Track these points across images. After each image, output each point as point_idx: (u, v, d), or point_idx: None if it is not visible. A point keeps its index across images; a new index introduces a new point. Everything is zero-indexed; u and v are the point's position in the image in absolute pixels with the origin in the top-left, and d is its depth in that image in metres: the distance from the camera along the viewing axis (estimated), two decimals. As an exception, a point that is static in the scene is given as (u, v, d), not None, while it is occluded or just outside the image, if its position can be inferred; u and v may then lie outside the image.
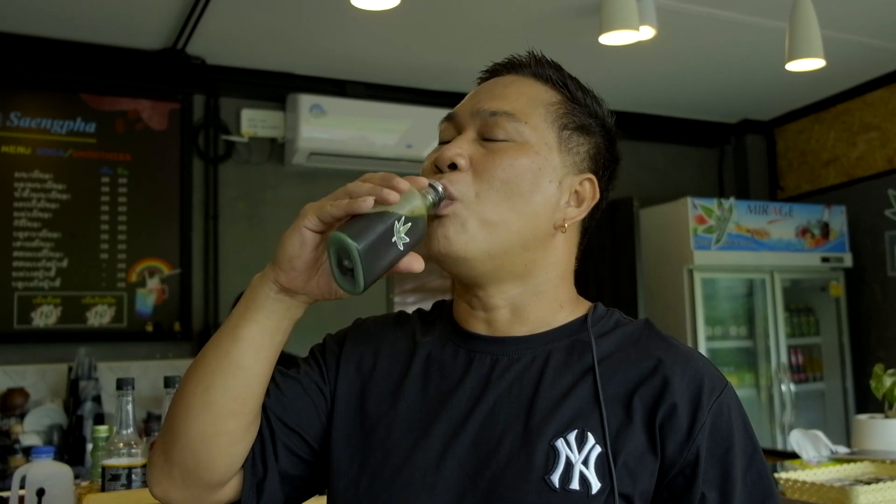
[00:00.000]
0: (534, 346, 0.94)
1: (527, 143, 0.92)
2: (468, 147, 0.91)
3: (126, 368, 3.90)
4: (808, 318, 5.19)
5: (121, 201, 4.12)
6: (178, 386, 1.52)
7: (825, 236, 5.01)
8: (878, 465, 2.52)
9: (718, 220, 4.67)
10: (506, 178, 0.90)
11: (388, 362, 0.99)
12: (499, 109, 0.92)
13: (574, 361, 0.92)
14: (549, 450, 0.85)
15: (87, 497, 1.42)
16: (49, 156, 4.00)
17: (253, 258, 4.38)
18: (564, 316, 0.97)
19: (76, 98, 4.08)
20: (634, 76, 4.69)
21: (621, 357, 0.92)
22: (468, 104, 0.96)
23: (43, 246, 3.94)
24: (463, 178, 0.90)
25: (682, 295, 4.62)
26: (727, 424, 0.88)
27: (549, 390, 0.89)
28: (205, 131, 4.36)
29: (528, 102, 0.94)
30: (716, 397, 0.88)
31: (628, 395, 0.88)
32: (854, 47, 4.28)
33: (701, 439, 0.86)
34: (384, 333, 1.03)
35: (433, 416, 0.91)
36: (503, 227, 0.90)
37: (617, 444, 0.86)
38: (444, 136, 0.97)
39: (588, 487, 0.84)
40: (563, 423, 0.87)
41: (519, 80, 0.98)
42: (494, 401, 0.90)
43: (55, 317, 3.93)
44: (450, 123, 0.96)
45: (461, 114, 0.95)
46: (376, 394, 0.96)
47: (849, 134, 5.18)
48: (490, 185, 0.89)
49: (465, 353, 0.95)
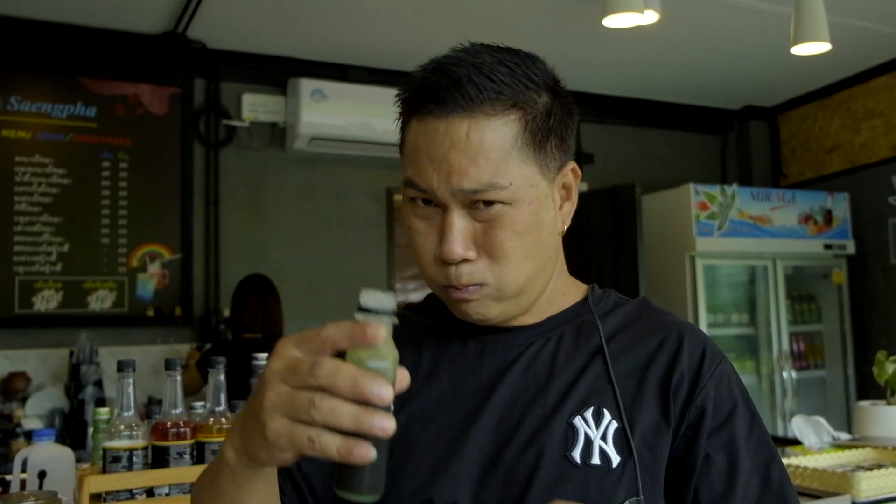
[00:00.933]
0: (543, 332, 0.96)
1: (518, 199, 0.88)
2: (466, 233, 0.88)
3: (127, 353, 3.89)
4: (809, 305, 5.18)
5: (121, 186, 4.11)
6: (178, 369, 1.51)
7: (828, 223, 5.00)
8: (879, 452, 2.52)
9: (721, 206, 4.66)
10: (515, 244, 0.89)
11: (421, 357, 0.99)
12: (480, 185, 0.86)
13: (583, 342, 0.95)
14: (568, 427, 0.88)
15: (88, 479, 1.41)
16: (49, 140, 3.99)
17: (254, 243, 4.38)
18: (567, 300, 1.00)
19: (76, 82, 4.07)
20: (637, 62, 4.67)
21: (627, 335, 0.95)
22: (440, 181, 0.87)
23: (44, 230, 3.93)
24: (479, 266, 0.89)
25: (683, 282, 4.61)
26: (728, 391, 0.91)
27: (562, 372, 0.92)
28: (205, 116, 4.34)
29: (498, 156, 0.87)
30: (716, 365, 0.92)
31: (640, 371, 0.91)
32: (859, 33, 4.25)
33: (702, 401, 0.89)
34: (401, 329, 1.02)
35: (450, 407, 0.92)
36: (530, 281, 0.92)
37: (632, 419, 0.88)
38: (416, 199, 0.90)
39: (608, 462, 0.86)
40: (578, 401, 0.89)
41: (474, 127, 0.86)
42: (510, 387, 0.92)
43: (56, 301, 3.92)
44: (423, 193, 0.89)
45: (437, 191, 0.87)
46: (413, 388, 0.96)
47: (853, 121, 5.15)
48: (507, 264, 0.89)
49: (474, 344, 0.96)
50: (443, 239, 0.88)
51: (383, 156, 4.53)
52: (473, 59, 0.89)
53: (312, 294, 4.47)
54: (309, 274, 4.47)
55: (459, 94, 0.86)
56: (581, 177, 0.97)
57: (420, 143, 0.89)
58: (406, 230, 0.94)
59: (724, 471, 0.88)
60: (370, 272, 4.60)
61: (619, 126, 5.42)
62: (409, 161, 0.91)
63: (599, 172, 5.28)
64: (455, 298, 0.90)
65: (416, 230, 0.92)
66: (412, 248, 0.93)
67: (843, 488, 2.17)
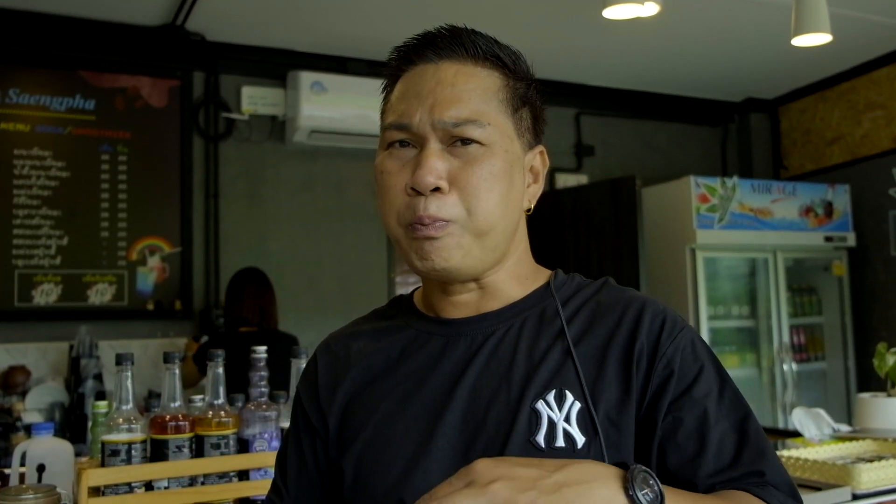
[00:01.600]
0: (505, 319, 0.96)
1: (495, 144, 0.91)
2: (442, 164, 0.89)
3: (127, 346, 3.89)
4: (810, 297, 5.18)
5: (121, 179, 4.10)
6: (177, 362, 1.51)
7: (829, 215, 4.99)
8: (880, 444, 2.52)
9: (721, 199, 4.65)
10: (489, 186, 0.90)
11: (365, 373, 0.99)
12: (461, 118, 0.89)
13: (545, 327, 0.94)
14: (531, 413, 0.87)
15: (87, 472, 1.41)
16: (48, 133, 3.98)
17: (253, 236, 4.37)
18: (529, 286, 0.99)
19: (75, 75, 4.05)
20: (638, 54, 4.65)
21: (588, 315, 0.95)
22: (422, 113, 0.90)
23: (43, 224, 3.93)
24: (449, 200, 0.89)
25: (684, 274, 4.61)
26: (692, 355, 0.90)
27: (525, 358, 0.92)
28: (205, 109, 4.33)
29: (481, 98, 0.92)
30: (678, 332, 0.91)
31: (601, 349, 0.91)
32: (860, 24, 4.23)
33: (664, 368, 0.88)
34: (351, 348, 1.03)
35: (416, 405, 0.92)
36: (493, 233, 0.91)
37: (595, 397, 0.88)
38: (394, 140, 0.93)
39: (573, 443, 0.86)
40: (541, 385, 0.89)
41: (462, 72, 0.93)
42: (475, 378, 0.92)
43: (56, 295, 3.92)
44: (403, 132, 0.92)
45: (417, 125, 0.90)
46: (361, 403, 0.97)
47: (854, 112, 5.14)
48: (477, 199, 0.89)
49: (438, 339, 0.96)
50: (418, 168, 0.89)
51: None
52: (470, 29, 0.96)
53: (312, 287, 4.46)
54: (309, 267, 4.47)
55: (455, 44, 0.93)
56: (549, 165, 1.01)
57: (408, 86, 0.93)
58: (377, 177, 0.94)
59: (694, 432, 0.86)
60: (370, 265, 4.60)
61: (619, 118, 5.40)
62: (391, 109, 0.94)
63: (600, 165, 5.27)
64: (420, 237, 0.89)
65: (387, 171, 0.92)
66: (380, 190, 0.93)
67: (843, 480, 2.17)
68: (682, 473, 0.85)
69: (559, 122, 5.13)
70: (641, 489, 0.70)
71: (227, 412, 1.60)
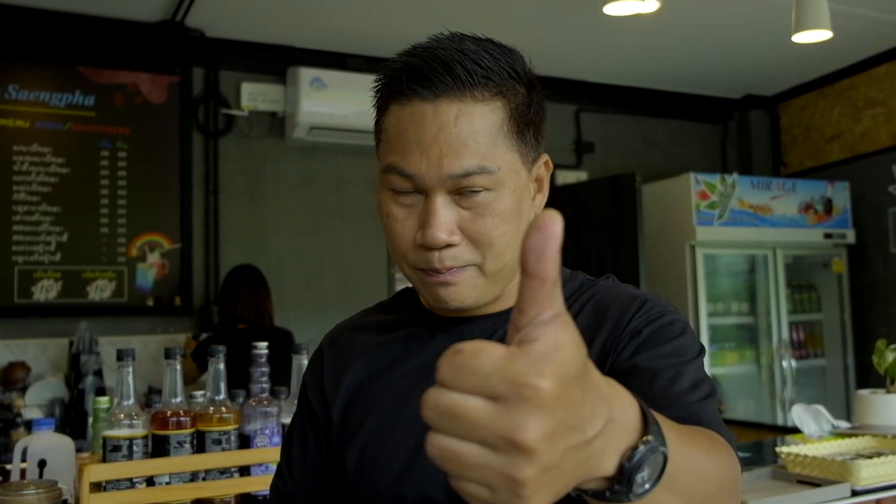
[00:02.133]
0: (507, 319, 0.93)
1: (503, 185, 0.88)
2: (451, 216, 0.87)
3: (127, 343, 3.89)
4: (809, 294, 5.18)
5: (120, 175, 4.10)
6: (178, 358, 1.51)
7: (828, 212, 4.99)
8: (879, 440, 2.52)
9: (721, 195, 4.65)
10: (501, 232, 0.89)
11: (368, 366, 1.01)
12: (469, 169, 0.86)
13: None
14: None
15: (89, 468, 1.41)
16: (48, 129, 3.98)
17: (253, 233, 4.37)
18: None
19: (75, 71, 4.05)
20: (638, 50, 4.65)
21: (589, 317, 0.94)
22: (428, 165, 0.86)
23: (43, 220, 3.93)
24: (463, 251, 0.88)
25: (683, 271, 4.61)
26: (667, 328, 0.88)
27: None
28: (204, 105, 4.33)
29: (487, 140, 0.87)
30: (658, 312, 0.90)
31: (589, 340, 0.89)
32: (860, 21, 4.23)
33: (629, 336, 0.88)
34: (355, 340, 1.05)
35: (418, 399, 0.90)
36: (506, 268, 0.92)
37: None
38: (400, 187, 0.89)
39: None
40: None
41: (463, 112, 0.86)
42: None
43: (56, 291, 3.92)
44: (407, 180, 0.88)
45: (424, 177, 0.86)
46: (364, 396, 0.99)
47: (853, 109, 5.14)
48: (490, 247, 0.89)
49: (441, 337, 0.97)
50: (427, 224, 0.87)
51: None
52: (458, 45, 0.89)
53: (312, 283, 4.46)
54: (308, 263, 4.47)
55: (449, 77, 0.86)
56: (553, 169, 0.99)
57: (405, 126, 0.88)
58: (382, 217, 0.92)
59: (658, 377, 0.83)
60: (370, 262, 4.60)
61: (619, 115, 5.40)
62: (390, 147, 0.90)
63: (600, 161, 5.27)
64: (435, 282, 0.89)
65: (394, 217, 0.91)
66: (388, 234, 0.92)
67: (842, 476, 2.18)
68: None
69: (559, 119, 5.12)
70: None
71: (228, 408, 1.60)
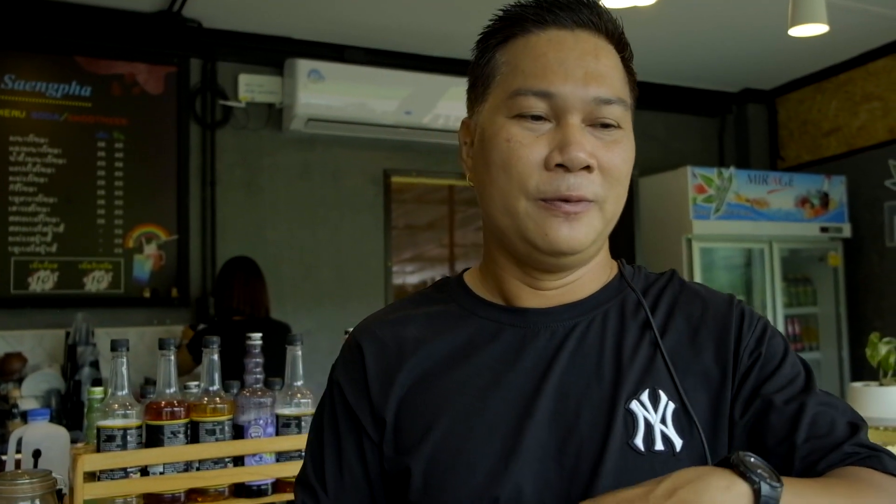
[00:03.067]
0: (586, 311, 0.91)
1: (628, 129, 0.89)
2: (588, 143, 0.84)
3: (123, 334, 3.89)
4: (805, 288, 5.20)
5: (117, 166, 4.09)
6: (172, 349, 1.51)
7: (824, 206, 5.00)
8: (871, 432, 2.54)
9: (718, 189, 4.66)
10: (625, 173, 0.88)
11: (426, 363, 0.90)
12: (612, 97, 0.86)
13: (628, 320, 0.90)
14: (626, 414, 0.83)
15: (83, 457, 1.42)
16: (44, 119, 3.97)
17: (250, 224, 4.37)
18: (605, 277, 0.95)
19: (71, 61, 4.04)
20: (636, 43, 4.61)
21: (667, 307, 0.92)
22: (573, 85, 0.84)
23: (39, 211, 3.92)
24: (595, 180, 0.85)
25: (680, 264, 4.61)
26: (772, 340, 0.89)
27: (613, 354, 0.87)
28: (202, 96, 4.32)
29: (620, 79, 0.89)
30: (757, 320, 0.90)
31: (688, 344, 0.88)
32: (858, 15, 4.23)
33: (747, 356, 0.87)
34: (403, 334, 0.93)
35: (497, 402, 0.86)
36: (614, 220, 0.89)
37: (689, 395, 0.84)
38: (533, 110, 0.85)
39: (672, 446, 0.82)
40: (633, 383, 0.84)
41: (601, 47, 0.88)
42: (561, 374, 0.86)
43: (52, 282, 3.92)
44: (543, 101, 0.84)
45: (567, 96, 0.84)
46: (425, 397, 0.88)
47: (851, 103, 5.14)
48: (616, 184, 0.87)
49: (513, 330, 0.90)
50: (568, 142, 0.83)
51: (381, 137, 4.51)
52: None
53: (309, 275, 4.47)
54: (306, 255, 4.47)
55: (587, 10, 0.88)
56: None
57: (543, 50, 0.86)
58: (500, 145, 0.86)
59: (787, 411, 0.83)
60: (367, 254, 4.60)
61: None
62: (517, 74, 0.86)
63: (597, 155, 5.26)
64: (561, 213, 0.84)
65: (518, 141, 0.85)
66: (508, 161, 0.85)
67: (835, 469, 2.19)
68: (779, 451, 0.82)
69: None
70: (755, 471, 0.68)
71: (222, 398, 1.61)
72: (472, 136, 0.93)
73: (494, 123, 0.87)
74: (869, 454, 0.80)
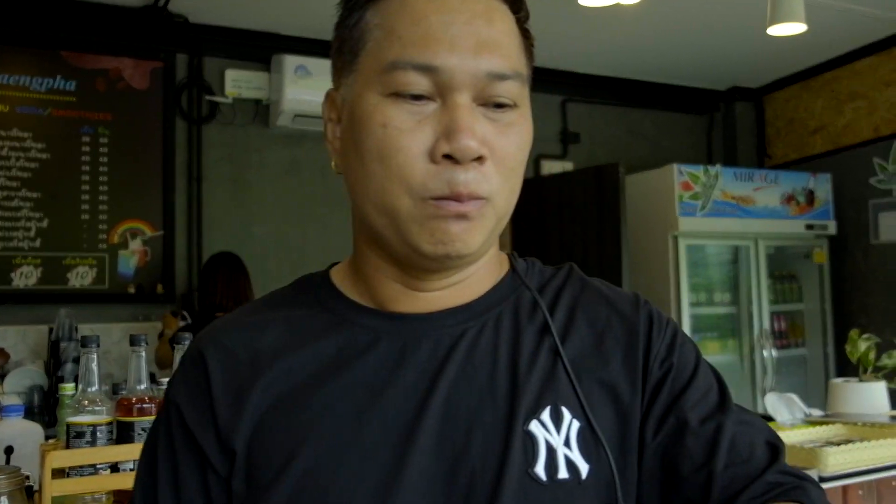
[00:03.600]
0: (477, 315, 0.78)
1: (525, 107, 0.75)
2: (478, 127, 0.70)
3: (108, 330, 3.89)
4: (791, 285, 5.22)
5: (102, 161, 4.08)
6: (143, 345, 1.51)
7: (810, 204, 5.02)
8: (849, 428, 2.56)
9: (704, 186, 4.67)
10: (520, 161, 0.74)
11: (286, 379, 0.75)
12: (508, 70, 0.71)
13: (524, 323, 0.78)
14: (525, 436, 0.71)
15: (51, 454, 1.42)
16: (28, 114, 3.95)
17: (237, 220, 4.36)
18: (496, 274, 0.82)
19: (56, 55, 4.02)
20: (624, 41, 4.65)
21: (566, 308, 0.79)
22: (462, 56, 0.69)
23: (22, 206, 3.91)
24: (488, 173, 0.71)
25: (666, 261, 4.63)
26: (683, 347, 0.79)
27: (507, 364, 0.75)
28: (188, 91, 4.31)
29: (516, 47, 0.74)
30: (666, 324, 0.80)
31: (591, 351, 0.76)
32: (843, 14, 4.24)
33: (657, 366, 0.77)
34: (257, 344, 0.77)
35: (373, 427, 0.71)
36: (507, 215, 0.76)
37: (595, 411, 0.73)
38: (413, 88, 0.70)
39: (577, 473, 0.71)
40: (532, 400, 0.72)
41: (494, 7, 0.72)
42: (448, 390, 0.73)
43: (35, 277, 3.91)
44: (425, 76, 0.70)
45: (454, 71, 0.69)
46: (286, 420, 0.73)
47: (836, 102, 5.16)
48: (511, 175, 0.73)
49: (391, 340, 0.76)
50: (456, 128, 0.68)
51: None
52: None
53: (296, 271, 4.34)
54: (293, 251, 4.46)
55: None
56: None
57: (423, 12, 0.70)
58: (375, 131, 0.71)
59: (703, 433, 0.73)
60: (353, 250, 4.59)
61: (605, 106, 5.40)
62: (392, 41, 0.71)
63: (586, 152, 5.27)
64: (449, 214, 0.70)
65: (396, 126, 0.70)
66: (384, 151, 0.70)
67: (810, 463, 2.21)
68: (696, 479, 0.72)
69: (545, 109, 5.12)
70: None
71: (194, 395, 1.60)
72: (339, 112, 0.78)
73: (366, 102, 0.72)
74: (794, 484, 0.72)
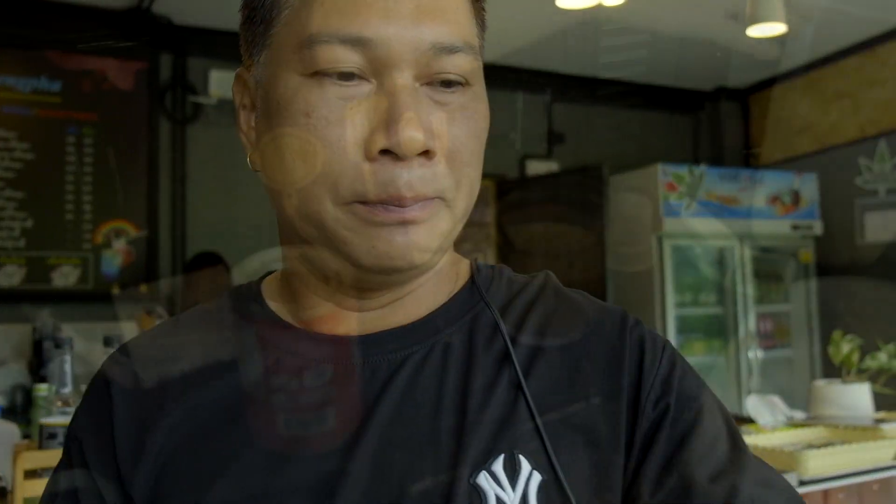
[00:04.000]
0: (423, 338, 0.64)
1: (479, 85, 0.62)
2: (426, 114, 0.58)
3: (92, 330, 3.86)
4: (777, 285, 5.23)
5: (86, 161, 4.06)
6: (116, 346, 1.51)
7: (795, 204, 5.03)
8: (831, 430, 2.56)
9: (689, 187, 4.68)
10: (477, 151, 0.62)
11: (198, 413, 0.63)
12: (458, 41, 0.59)
13: (479, 350, 0.64)
14: (472, 491, 0.57)
15: (23, 454, 1.41)
16: (13, 114, 3.94)
17: (222, 221, 4.35)
18: (451, 285, 0.68)
19: (41, 56, 4.00)
20: (610, 41, 4.65)
21: (535, 331, 0.65)
22: (399, 26, 0.57)
23: (7, 205, 3.89)
24: (438, 168, 0.59)
25: (651, 262, 4.63)
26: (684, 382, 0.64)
27: (454, 400, 0.61)
28: (172, 92, 4.30)
29: (465, 14, 0.61)
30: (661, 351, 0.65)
31: (564, 383, 0.62)
32: (828, 14, 4.25)
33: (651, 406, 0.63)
34: (167, 369, 0.66)
35: (292, 469, 0.60)
36: (466, 214, 0.63)
37: (563, 460, 0.59)
38: (340, 65, 0.57)
39: None
40: (482, 446, 0.59)
41: None
42: (382, 430, 0.60)
43: (19, 277, 3.89)
44: (355, 51, 0.57)
45: (390, 43, 0.57)
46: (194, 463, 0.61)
47: (822, 102, 5.18)
48: (467, 168, 0.61)
49: (318, 370, 0.63)
50: (396, 118, 0.56)
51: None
52: None
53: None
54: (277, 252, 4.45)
55: None
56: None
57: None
58: (296, 119, 0.58)
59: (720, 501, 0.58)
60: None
61: (590, 106, 5.41)
62: (318, 5, 0.57)
63: (571, 152, 5.28)
64: (391, 221, 0.58)
65: (320, 115, 0.57)
66: (304, 147, 0.58)
67: (790, 466, 2.20)
68: None
69: (531, 110, 5.13)
70: None
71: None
72: (252, 96, 0.66)
73: (284, 85, 0.59)
74: None
